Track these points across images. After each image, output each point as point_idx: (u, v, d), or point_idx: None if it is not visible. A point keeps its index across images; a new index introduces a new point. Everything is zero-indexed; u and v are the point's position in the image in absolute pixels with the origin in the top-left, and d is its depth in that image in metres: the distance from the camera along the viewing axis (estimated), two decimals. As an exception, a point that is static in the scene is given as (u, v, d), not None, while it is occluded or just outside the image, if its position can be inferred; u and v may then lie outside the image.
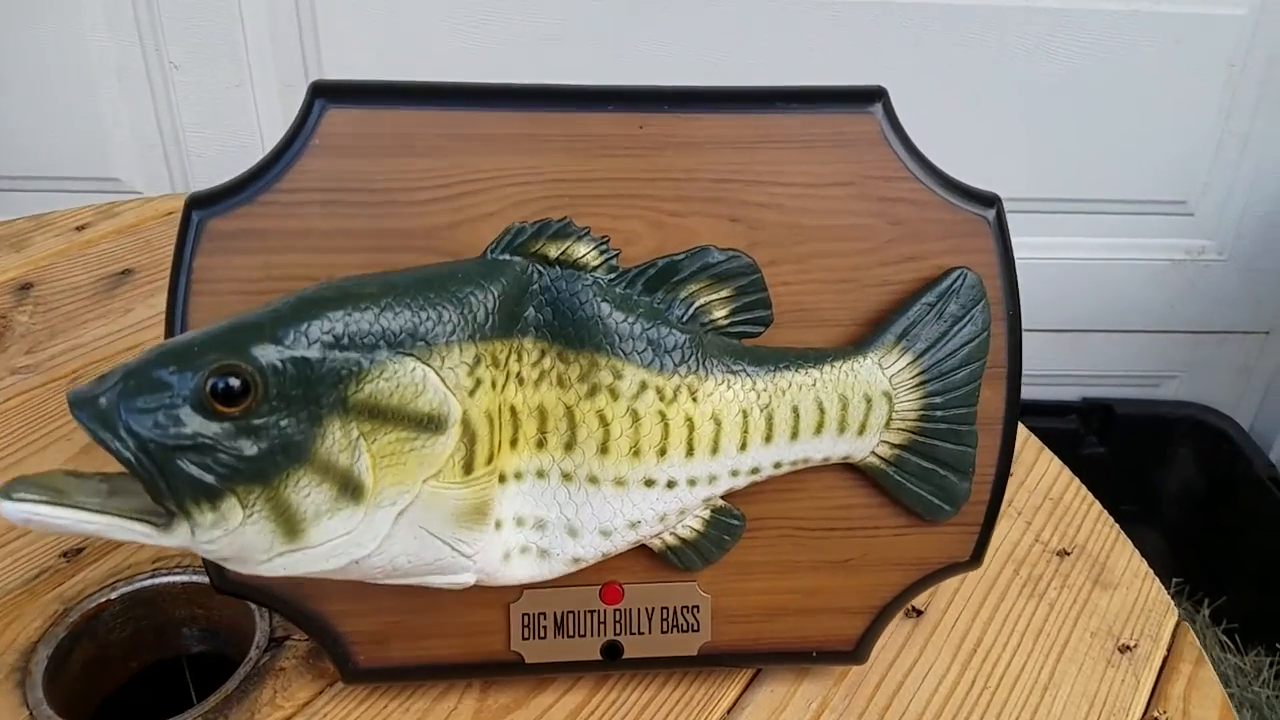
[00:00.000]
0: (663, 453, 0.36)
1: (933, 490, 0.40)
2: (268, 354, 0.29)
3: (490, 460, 0.33)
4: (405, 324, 0.31)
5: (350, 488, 0.30)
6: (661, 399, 0.35)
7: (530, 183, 0.38)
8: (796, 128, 0.38)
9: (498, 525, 0.35)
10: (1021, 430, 0.58)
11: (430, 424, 0.31)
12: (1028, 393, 0.40)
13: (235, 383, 0.29)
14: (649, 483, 0.36)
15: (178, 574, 0.48)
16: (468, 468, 0.32)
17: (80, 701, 0.46)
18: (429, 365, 0.31)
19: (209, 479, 0.29)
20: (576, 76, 0.40)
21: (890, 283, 0.39)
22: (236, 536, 0.30)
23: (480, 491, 0.33)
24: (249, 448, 0.29)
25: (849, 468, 0.40)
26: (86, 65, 1.01)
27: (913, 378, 0.38)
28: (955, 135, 1.05)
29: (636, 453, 0.36)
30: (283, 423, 0.29)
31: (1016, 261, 0.40)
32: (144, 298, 0.67)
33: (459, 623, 0.41)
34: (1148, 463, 1.29)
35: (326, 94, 0.37)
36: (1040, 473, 0.56)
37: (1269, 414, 1.29)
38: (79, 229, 0.73)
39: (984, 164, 1.06)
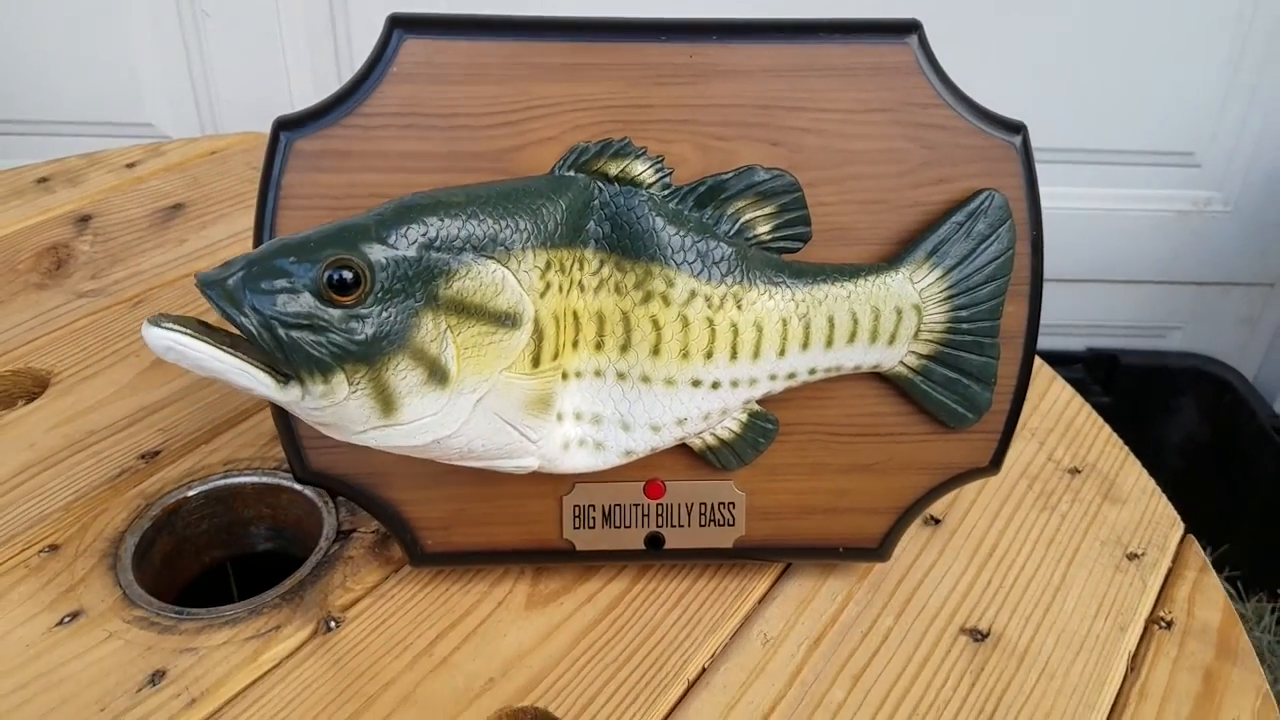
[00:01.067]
0: (709, 356, 0.39)
1: (957, 399, 0.43)
2: (375, 252, 0.33)
3: (556, 357, 0.37)
4: (488, 230, 0.35)
5: (438, 373, 0.34)
6: (709, 306, 0.38)
7: (587, 109, 0.40)
8: (837, 57, 0.41)
9: (559, 418, 0.38)
10: (1036, 359, 0.61)
11: (507, 320, 0.35)
12: (1033, 343, 0.43)
13: (348, 275, 0.32)
14: (695, 383, 0.39)
15: (249, 475, 0.51)
16: (535, 361, 0.36)
17: (161, 589, 0.50)
18: (508, 267, 0.35)
19: (323, 355, 0.32)
20: (630, 10, 0.42)
21: (921, 204, 0.42)
22: (340, 408, 0.33)
23: (546, 384, 0.36)
24: (358, 332, 0.33)
25: (877, 377, 0.43)
26: (120, 12, 1.03)
27: (941, 291, 0.41)
28: (961, 85, 1.06)
29: (685, 355, 0.39)
30: (386, 313, 0.33)
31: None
32: (196, 229, 0.70)
33: (516, 512, 0.44)
34: (1152, 413, 1.32)
35: (404, 25, 0.40)
36: (1054, 397, 0.59)
37: (1273, 365, 1.32)
38: (129, 166, 0.76)
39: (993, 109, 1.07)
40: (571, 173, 0.38)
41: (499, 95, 0.40)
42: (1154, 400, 1.32)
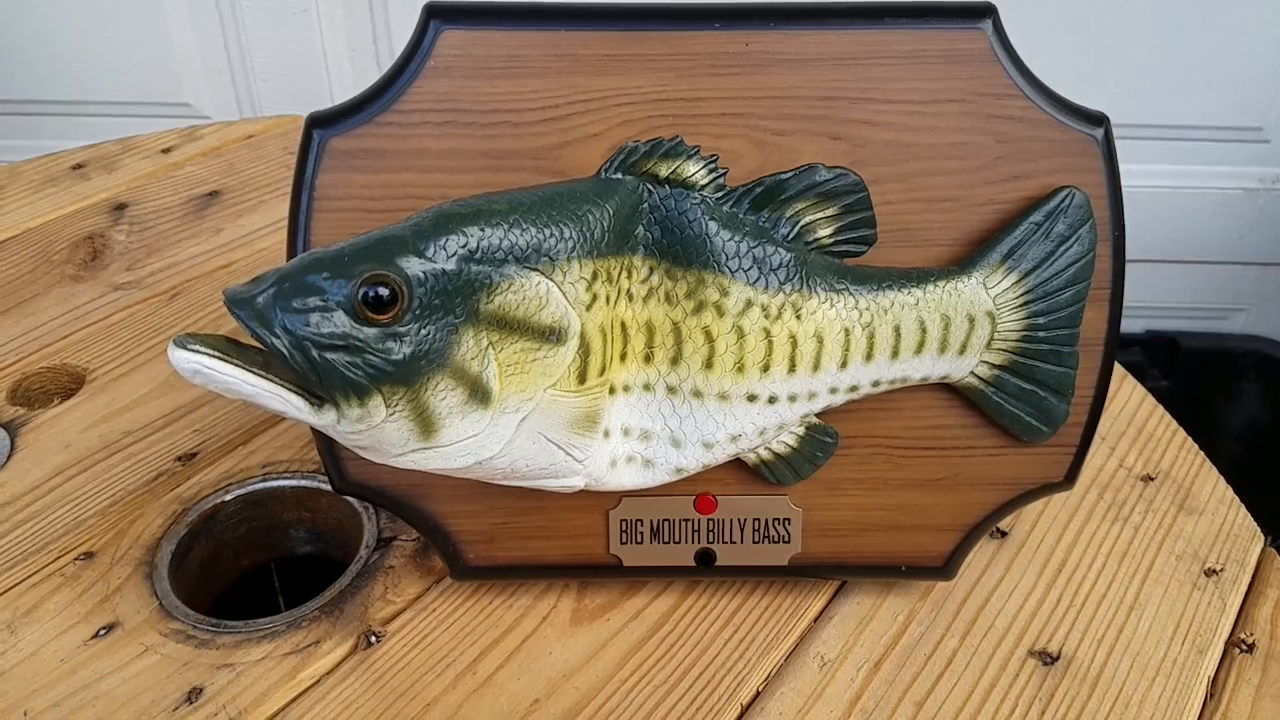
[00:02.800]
0: (766, 369, 0.37)
1: (1031, 411, 0.40)
2: (412, 266, 0.31)
3: (603, 372, 0.34)
4: (531, 240, 0.33)
5: (480, 393, 0.32)
6: (766, 316, 0.36)
7: (635, 103, 0.38)
8: (904, 43, 0.38)
9: (606, 434, 0.36)
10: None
11: (552, 335, 0.33)
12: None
13: (384, 292, 0.30)
14: (751, 398, 0.37)
15: (287, 478, 0.50)
16: (582, 377, 0.34)
17: (198, 595, 0.49)
18: (552, 280, 0.33)
19: (359, 377, 0.31)
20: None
21: (996, 202, 0.39)
22: (377, 431, 0.32)
23: (593, 401, 0.34)
24: (395, 352, 0.31)
25: (944, 388, 0.40)
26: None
27: (1017, 298, 0.38)
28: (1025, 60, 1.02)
29: (740, 368, 0.36)
30: (424, 330, 0.31)
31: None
32: (233, 218, 0.68)
33: (562, 526, 0.42)
34: (1213, 397, 1.28)
35: (440, 14, 0.38)
36: (1125, 399, 0.56)
37: (1342, 349, 1.26)
38: (164, 152, 0.75)
39: (1052, 86, 1.03)
40: (619, 175, 0.35)
41: (541, 89, 0.38)
42: (1215, 384, 1.27)
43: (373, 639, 0.43)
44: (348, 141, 0.39)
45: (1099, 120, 0.39)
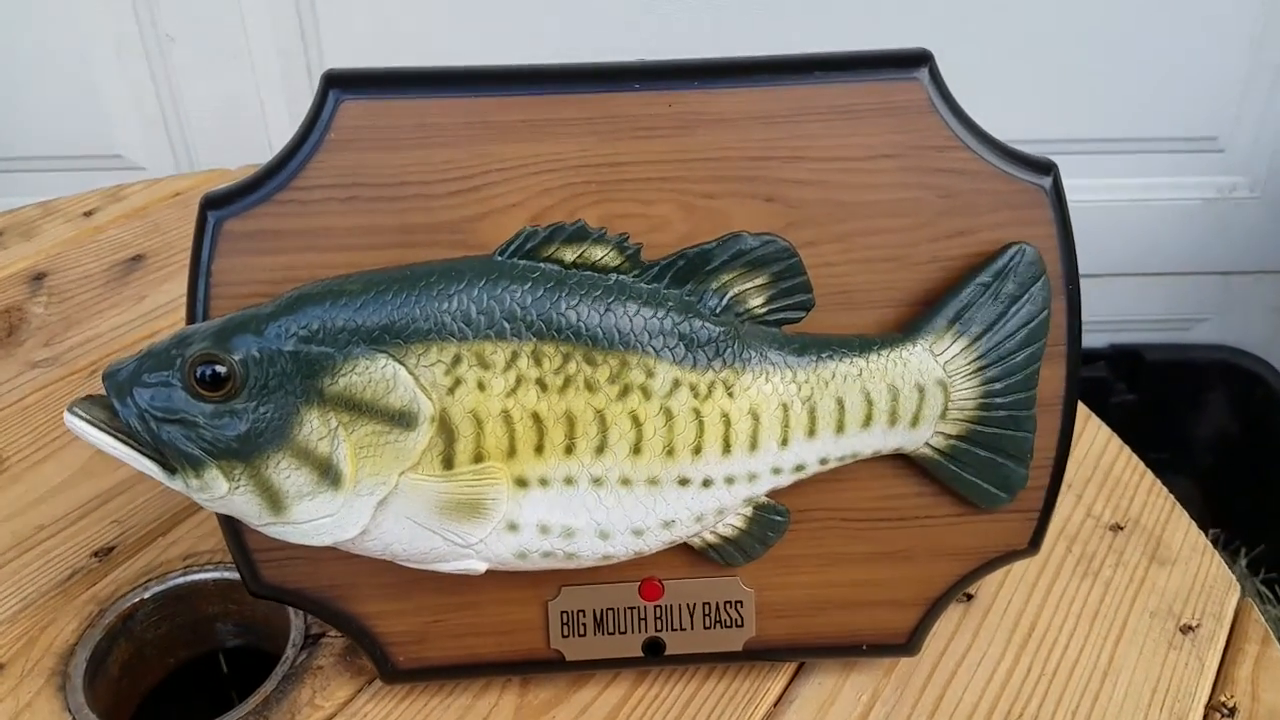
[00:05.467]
0: (698, 451, 0.34)
1: (991, 479, 0.38)
2: (248, 345, 0.32)
3: (479, 459, 0.33)
4: (381, 321, 0.32)
5: (331, 474, 0.32)
6: (696, 396, 0.34)
7: (555, 170, 0.36)
8: (836, 98, 0.36)
9: (513, 527, 0.34)
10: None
11: (401, 419, 0.32)
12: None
13: (220, 370, 0.31)
14: (683, 482, 0.34)
15: (209, 571, 0.47)
16: (448, 463, 0.32)
17: (120, 701, 0.46)
18: (402, 362, 0.32)
19: (194, 451, 0.32)
20: (595, 54, 0.37)
21: (940, 259, 0.37)
22: (228, 501, 0.32)
23: (467, 489, 0.33)
24: (230, 428, 0.32)
25: (898, 454, 0.38)
26: (82, 41, 0.98)
27: (969, 364, 0.36)
28: (976, 76, 1.01)
29: (670, 452, 0.34)
30: (262, 409, 0.32)
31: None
32: (157, 284, 0.65)
33: (497, 621, 0.40)
34: (1179, 409, 1.27)
35: (340, 84, 0.35)
36: (1089, 441, 0.54)
37: (1307, 356, 1.26)
38: (87, 215, 0.71)
39: (1006, 104, 1.02)
40: (516, 260, 0.33)
41: (453, 159, 0.36)
42: (1181, 396, 1.26)
43: (299, 751, 0.40)
44: (244, 223, 0.36)
45: (1046, 168, 0.37)
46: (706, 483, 0.35)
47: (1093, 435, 0.54)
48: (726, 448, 0.34)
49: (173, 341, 0.33)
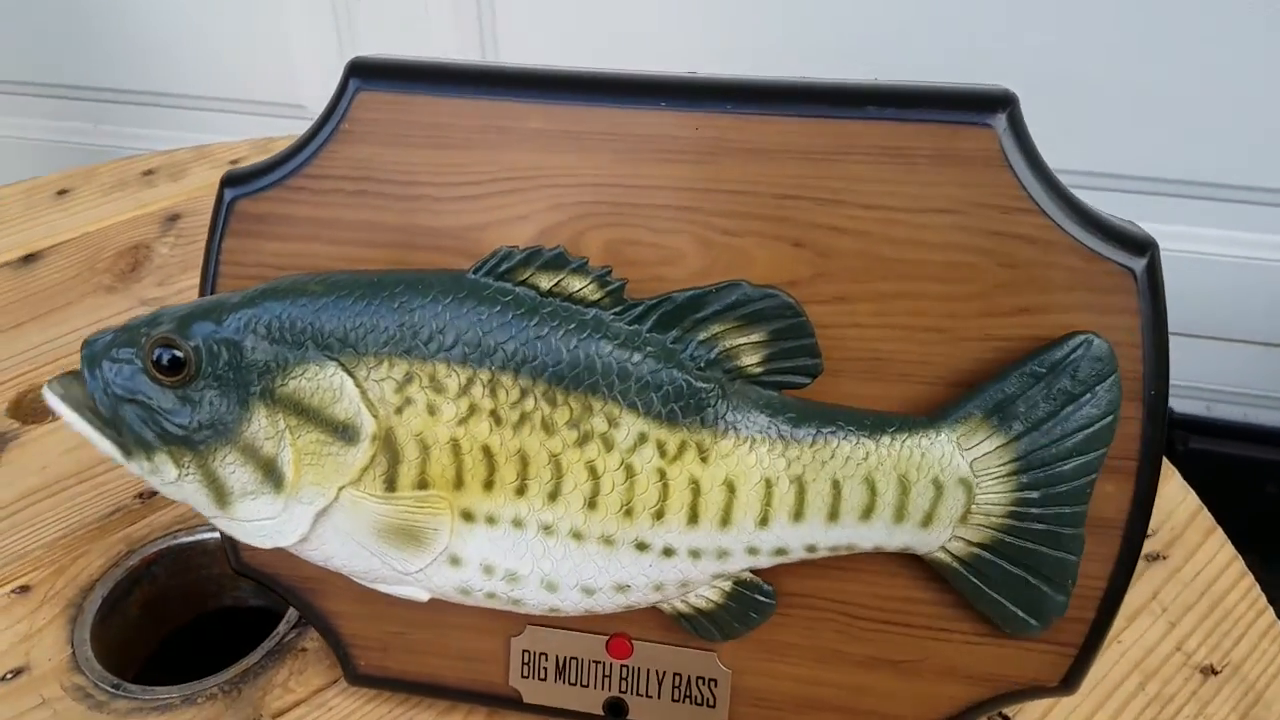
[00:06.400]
0: (659, 516, 0.30)
1: (1018, 600, 0.32)
2: (206, 333, 0.31)
3: (423, 485, 0.31)
4: (336, 326, 0.31)
5: (274, 476, 0.31)
6: (663, 455, 0.30)
7: (566, 185, 0.33)
8: (888, 137, 0.31)
9: (455, 561, 0.31)
10: (1190, 497, 0.48)
11: (344, 432, 0.30)
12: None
13: (176, 354, 0.31)
14: (641, 546, 0.31)
15: (222, 538, 0.47)
16: (390, 485, 0.31)
17: (136, 639, 0.47)
18: (352, 373, 0.30)
19: (146, 434, 0.31)
20: (630, 60, 0.34)
21: (994, 338, 0.31)
22: (178, 488, 0.32)
23: (406, 514, 0.31)
24: (182, 416, 0.31)
25: (915, 555, 0.33)
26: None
27: (1002, 464, 0.30)
28: (1069, 105, 0.86)
29: (628, 512, 0.30)
30: (214, 399, 0.31)
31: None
32: (271, 238, 0.67)
33: (459, 646, 0.38)
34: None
35: (361, 73, 0.34)
36: (1205, 559, 0.45)
37: None
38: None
39: (1101, 137, 0.87)
40: (488, 280, 0.30)
41: (464, 162, 0.33)
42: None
43: (258, 733, 0.39)
44: (257, 204, 0.35)
45: (1142, 247, 0.30)
46: (668, 551, 0.31)
47: (1211, 552, 0.45)
48: (693, 517, 0.30)
49: (148, 318, 0.32)
